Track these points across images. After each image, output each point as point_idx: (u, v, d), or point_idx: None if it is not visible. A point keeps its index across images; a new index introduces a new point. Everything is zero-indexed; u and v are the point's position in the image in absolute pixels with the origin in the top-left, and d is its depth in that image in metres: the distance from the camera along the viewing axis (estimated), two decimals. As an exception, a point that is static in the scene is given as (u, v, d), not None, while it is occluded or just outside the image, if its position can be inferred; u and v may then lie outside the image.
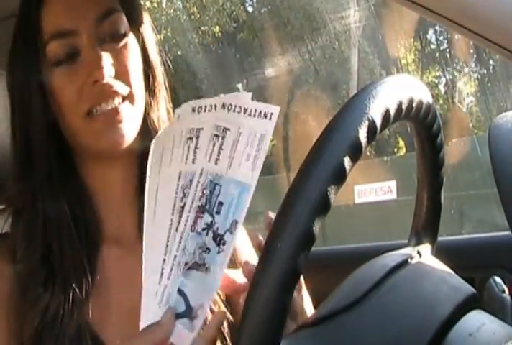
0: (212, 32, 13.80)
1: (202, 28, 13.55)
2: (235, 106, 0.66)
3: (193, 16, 13.58)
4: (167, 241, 0.68)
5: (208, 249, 0.65)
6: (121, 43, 0.84)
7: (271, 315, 0.50)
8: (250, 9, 14.81)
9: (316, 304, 0.64)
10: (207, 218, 0.66)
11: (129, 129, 0.82)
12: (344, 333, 0.57)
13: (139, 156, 0.86)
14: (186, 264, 0.66)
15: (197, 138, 0.69)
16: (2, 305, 0.79)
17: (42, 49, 0.81)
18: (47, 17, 0.82)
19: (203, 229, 0.66)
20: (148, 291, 0.69)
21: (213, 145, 0.67)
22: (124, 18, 0.84)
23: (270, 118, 0.64)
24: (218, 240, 0.65)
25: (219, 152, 0.67)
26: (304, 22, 12.46)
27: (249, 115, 0.65)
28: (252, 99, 0.67)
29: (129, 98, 0.83)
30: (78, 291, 0.79)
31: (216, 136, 0.67)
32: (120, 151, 0.83)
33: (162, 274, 0.69)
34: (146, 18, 0.90)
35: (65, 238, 0.81)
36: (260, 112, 0.65)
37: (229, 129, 0.67)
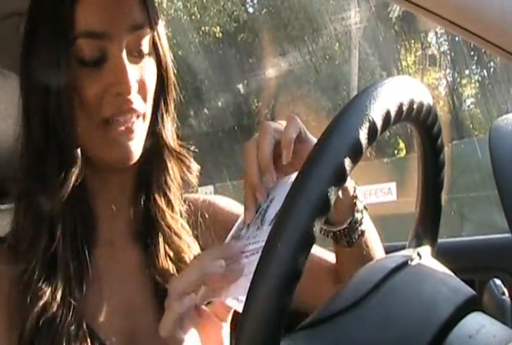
0: (213, 33, 13.83)
1: (203, 28, 13.57)
2: None
3: (193, 17, 13.60)
4: None
5: None
6: (144, 60, 0.83)
7: (271, 316, 0.50)
8: (251, 10, 14.83)
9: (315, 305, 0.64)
10: None
11: (138, 147, 0.83)
12: (344, 334, 0.57)
13: (139, 163, 0.86)
14: None
15: None
16: (2, 304, 0.79)
17: (70, 45, 0.79)
18: (81, 15, 0.79)
19: None
20: None
21: None
22: (150, 34, 0.84)
23: None
24: None
25: None
26: (305, 23, 12.48)
27: None
28: (253, 99, 0.68)
29: (144, 115, 0.84)
30: (77, 289, 0.80)
31: None
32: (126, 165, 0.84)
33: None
34: (165, 38, 0.89)
35: (67, 237, 0.81)
36: None
37: None
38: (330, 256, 0.93)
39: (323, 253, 0.95)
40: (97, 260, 0.85)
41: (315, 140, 0.74)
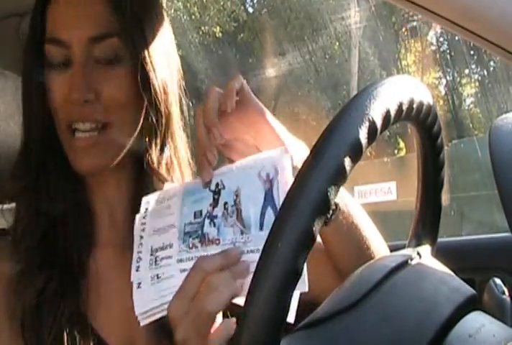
0: (213, 32, 13.81)
1: (202, 28, 13.56)
2: None
3: (193, 17, 13.59)
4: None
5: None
6: (115, 69, 0.82)
7: (271, 315, 0.50)
8: (251, 10, 14.82)
9: (315, 305, 0.64)
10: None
11: (102, 158, 0.82)
12: (344, 334, 0.57)
13: (136, 167, 0.86)
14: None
15: None
16: (3, 299, 0.79)
17: (40, 48, 0.82)
18: (49, 21, 0.82)
19: None
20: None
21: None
22: (121, 43, 0.81)
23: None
24: None
25: None
26: (305, 23, 12.47)
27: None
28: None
29: (109, 126, 0.82)
30: (74, 282, 0.81)
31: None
32: (98, 173, 0.84)
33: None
34: (161, 42, 0.85)
35: (66, 236, 0.82)
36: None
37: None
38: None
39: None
40: (97, 262, 0.85)
41: (258, 101, 0.75)
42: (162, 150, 0.86)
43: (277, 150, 0.71)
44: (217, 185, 0.70)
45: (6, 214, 0.88)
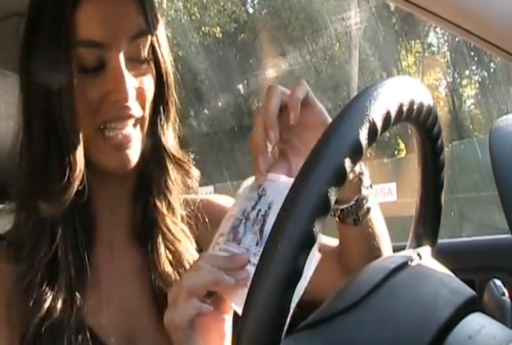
0: (213, 33, 13.83)
1: (203, 29, 13.57)
2: None
3: (193, 17, 13.61)
4: None
5: None
6: (144, 66, 0.84)
7: (271, 316, 0.50)
8: (251, 10, 14.84)
9: (315, 305, 0.64)
10: None
11: (135, 154, 0.83)
12: (344, 334, 0.57)
13: (140, 167, 0.86)
14: None
15: None
16: (2, 303, 0.79)
17: (70, 52, 0.79)
18: (81, 22, 0.79)
19: None
20: None
21: None
22: (149, 42, 0.83)
23: None
24: None
25: None
26: (305, 23, 12.48)
27: None
28: (253, 99, 0.69)
29: (141, 121, 0.84)
30: (78, 291, 0.80)
31: None
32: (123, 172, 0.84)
33: None
34: (166, 43, 0.89)
35: (67, 240, 0.81)
36: None
37: None
38: (331, 241, 0.93)
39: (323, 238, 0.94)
40: (97, 262, 0.85)
41: (322, 107, 0.76)
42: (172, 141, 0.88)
43: None
44: (263, 189, 0.71)
45: (3, 214, 0.88)
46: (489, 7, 0.61)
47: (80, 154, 0.80)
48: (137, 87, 0.82)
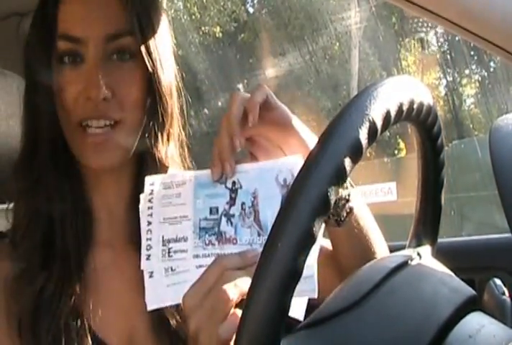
0: (213, 33, 13.81)
1: (203, 28, 13.56)
2: None
3: (193, 17, 13.59)
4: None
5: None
6: (127, 66, 0.83)
7: (271, 316, 0.50)
8: (251, 10, 14.83)
9: (315, 305, 0.64)
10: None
11: (114, 155, 0.83)
12: (344, 334, 0.57)
13: (136, 166, 0.87)
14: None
15: None
16: (2, 301, 0.79)
17: (51, 45, 0.81)
18: (61, 18, 0.82)
19: None
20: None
21: None
22: (135, 41, 0.82)
23: None
24: None
25: None
26: (305, 23, 12.47)
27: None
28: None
29: (121, 123, 0.83)
30: (74, 280, 0.81)
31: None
32: (107, 170, 0.84)
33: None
34: (166, 42, 0.87)
35: (66, 236, 0.82)
36: None
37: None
38: (327, 243, 0.93)
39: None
40: (96, 261, 0.85)
41: (284, 107, 0.77)
42: (167, 146, 0.87)
43: (294, 156, 0.71)
44: (234, 183, 0.71)
45: (3, 214, 0.88)
46: (489, 7, 0.61)
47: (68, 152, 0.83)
48: (114, 86, 0.81)
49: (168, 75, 0.86)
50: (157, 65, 0.84)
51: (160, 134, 0.85)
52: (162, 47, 0.86)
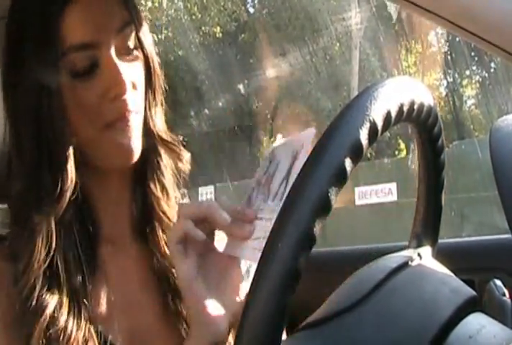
0: (213, 33, 13.82)
1: (203, 28, 13.57)
2: None
3: (194, 17, 13.60)
4: None
5: None
6: (132, 56, 0.84)
7: (271, 316, 0.50)
8: (251, 10, 14.84)
9: (316, 305, 0.64)
10: None
11: (138, 143, 0.83)
12: (345, 334, 0.57)
13: (138, 161, 0.86)
14: None
15: None
16: (3, 304, 0.79)
17: (60, 59, 0.79)
18: (69, 27, 0.78)
19: None
20: None
21: None
22: (133, 31, 0.84)
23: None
24: None
25: None
26: (305, 23, 12.48)
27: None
28: (253, 99, 0.70)
29: (138, 112, 0.84)
30: (81, 291, 0.80)
31: None
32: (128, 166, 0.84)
33: None
34: (148, 31, 0.89)
35: (67, 239, 0.81)
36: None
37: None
38: None
39: None
40: (99, 259, 0.85)
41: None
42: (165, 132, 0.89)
43: (309, 130, 0.74)
44: (273, 154, 0.77)
45: (5, 214, 0.87)
46: (489, 7, 0.61)
47: (71, 163, 0.80)
48: (131, 78, 0.82)
49: (157, 61, 0.88)
50: (151, 50, 0.87)
51: (154, 115, 0.87)
52: (149, 36, 0.88)
